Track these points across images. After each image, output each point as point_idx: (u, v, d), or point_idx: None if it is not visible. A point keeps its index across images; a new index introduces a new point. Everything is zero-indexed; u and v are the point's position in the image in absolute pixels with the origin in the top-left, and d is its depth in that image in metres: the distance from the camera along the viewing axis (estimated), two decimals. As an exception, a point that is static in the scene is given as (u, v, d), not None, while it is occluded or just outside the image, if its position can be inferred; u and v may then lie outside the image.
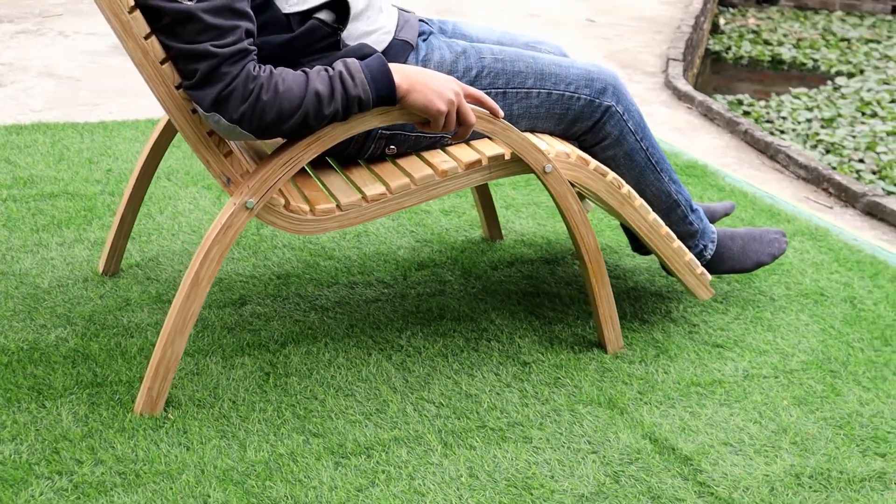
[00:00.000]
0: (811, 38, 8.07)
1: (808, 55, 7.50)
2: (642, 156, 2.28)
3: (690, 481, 1.83)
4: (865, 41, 7.99)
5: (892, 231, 3.10)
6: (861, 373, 2.22)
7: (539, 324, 2.36)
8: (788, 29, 8.45)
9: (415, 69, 1.91)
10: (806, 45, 7.82)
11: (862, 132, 5.44)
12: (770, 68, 7.40)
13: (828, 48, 7.73)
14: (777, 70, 7.36)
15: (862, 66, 7.12)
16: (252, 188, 1.89)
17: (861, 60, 7.31)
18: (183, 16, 1.74)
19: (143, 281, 2.47)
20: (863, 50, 7.63)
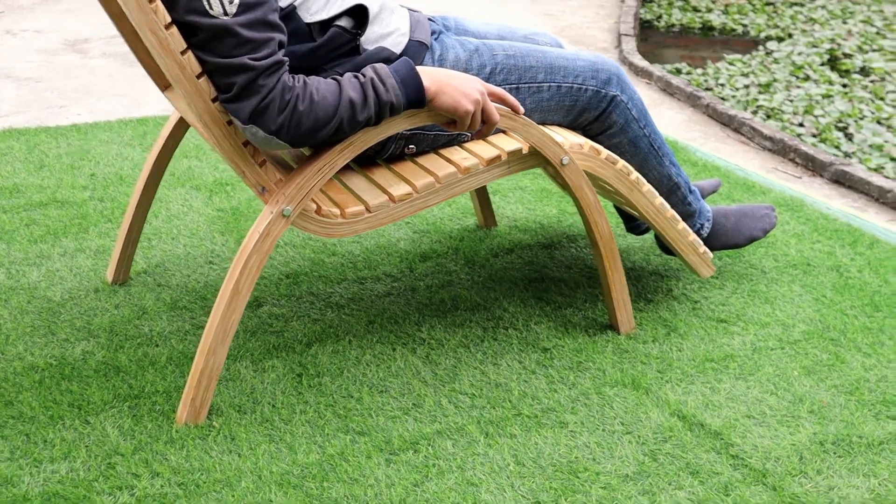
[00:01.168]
0: (738, 3, 8.22)
1: (737, 21, 7.63)
2: (645, 142, 2.36)
3: (723, 455, 1.93)
4: (790, 4, 8.13)
5: (860, 198, 3.24)
6: (860, 339, 2.34)
7: (550, 309, 2.44)
8: None
9: (440, 71, 1.95)
10: (734, 10, 7.96)
11: (798, 96, 5.59)
12: (701, 35, 7.55)
13: (755, 13, 7.87)
14: (707, 36, 7.50)
15: (790, 30, 7.29)
16: (288, 196, 1.92)
17: (788, 24, 7.47)
18: (220, 31, 1.76)
19: (154, 288, 2.48)
20: (788, 13, 7.79)
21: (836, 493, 1.83)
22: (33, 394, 2.04)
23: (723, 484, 1.84)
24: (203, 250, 2.68)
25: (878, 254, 2.78)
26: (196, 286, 2.49)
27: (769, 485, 1.84)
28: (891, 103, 5.46)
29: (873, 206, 3.20)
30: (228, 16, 1.76)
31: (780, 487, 1.84)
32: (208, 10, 1.75)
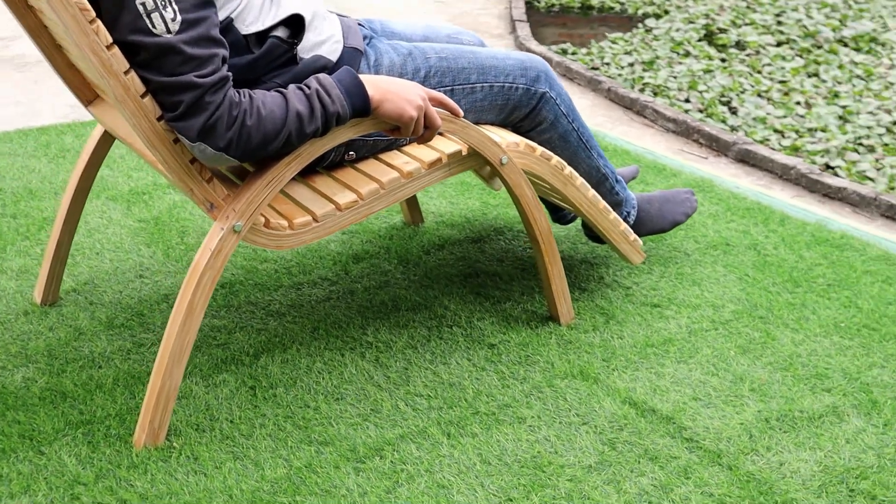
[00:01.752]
0: (612, -18, 8.36)
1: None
2: (574, 136, 2.41)
3: (678, 439, 2.00)
4: None
5: (765, 175, 3.38)
6: (786, 316, 2.45)
7: (489, 304, 2.48)
8: None
9: (382, 79, 1.96)
10: None
11: (681, 72, 5.75)
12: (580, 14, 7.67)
13: None
14: (587, 15, 7.62)
15: (666, 7, 7.47)
16: (239, 211, 1.90)
17: (664, 1, 7.64)
18: (164, 49, 1.73)
19: (86, 307, 2.42)
20: None
21: (787, 467, 1.92)
22: (-20, 427, 1.97)
23: (682, 467, 1.91)
24: (131, 264, 2.62)
25: (789, 230, 2.90)
26: (130, 302, 2.44)
27: (724, 465, 1.92)
28: (767, 76, 5.68)
29: (778, 182, 3.33)
30: (171, 34, 1.73)
31: (734, 466, 1.92)
32: (151, 28, 1.72)
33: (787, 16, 6.92)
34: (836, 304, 2.51)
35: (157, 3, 1.71)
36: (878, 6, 7.20)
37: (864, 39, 6.33)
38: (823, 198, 3.21)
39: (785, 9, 7.13)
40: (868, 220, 3.07)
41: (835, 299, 2.53)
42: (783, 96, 5.28)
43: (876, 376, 2.21)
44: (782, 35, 6.47)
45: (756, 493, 1.85)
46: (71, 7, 1.67)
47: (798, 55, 6.04)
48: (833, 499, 1.84)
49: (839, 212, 3.13)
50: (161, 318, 2.37)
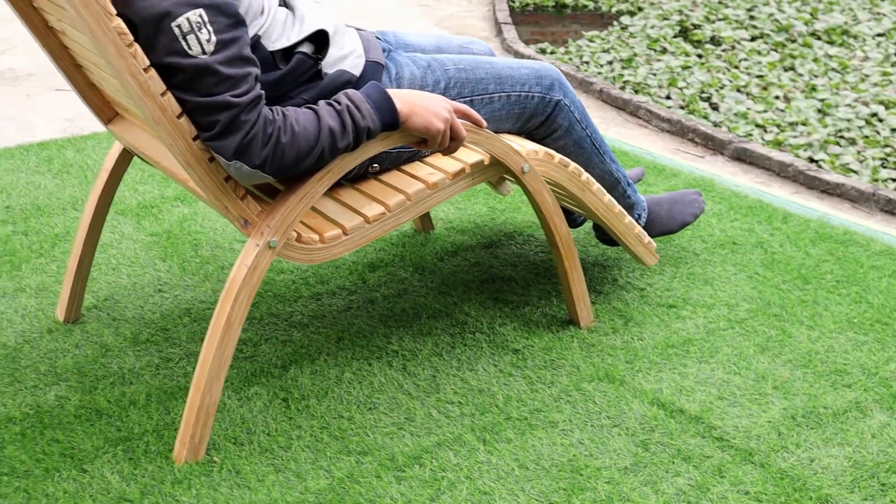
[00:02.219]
0: (587, -21, 8.39)
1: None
2: (588, 142, 2.44)
3: (708, 438, 2.04)
4: None
5: (763, 173, 3.43)
6: (800, 313, 2.50)
7: (509, 309, 2.51)
8: None
9: (408, 92, 1.99)
10: None
11: (660, 69, 5.80)
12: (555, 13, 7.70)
13: None
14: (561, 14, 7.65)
15: (639, 4, 7.51)
16: (273, 227, 1.92)
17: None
18: (200, 70, 1.75)
19: (109, 323, 2.43)
20: None
21: (817, 463, 1.97)
22: (19, 447, 1.98)
23: (716, 467, 1.96)
24: (149, 279, 2.63)
25: (793, 227, 2.96)
26: (153, 317, 2.45)
27: (757, 463, 1.97)
28: (745, 71, 5.74)
29: (776, 180, 3.39)
30: (207, 54, 1.75)
31: (766, 464, 1.96)
32: (187, 50, 1.74)
33: (759, 10, 6.99)
34: (847, 300, 2.56)
35: (192, 24, 1.73)
36: (847, -1, 7.29)
37: (836, 32, 6.42)
38: (822, 194, 3.27)
39: (756, 3, 7.20)
40: (868, 216, 3.13)
41: (845, 295, 2.58)
42: (762, 91, 5.35)
43: (894, 371, 2.26)
44: (756, 30, 6.54)
45: (790, 489, 1.90)
46: (109, 32, 1.68)
47: (773, 49, 6.12)
48: (865, 493, 1.89)
49: (838, 207, 3.19)
50: (186, 333, 2.39)
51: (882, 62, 5.76)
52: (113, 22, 1.68)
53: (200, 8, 1.73)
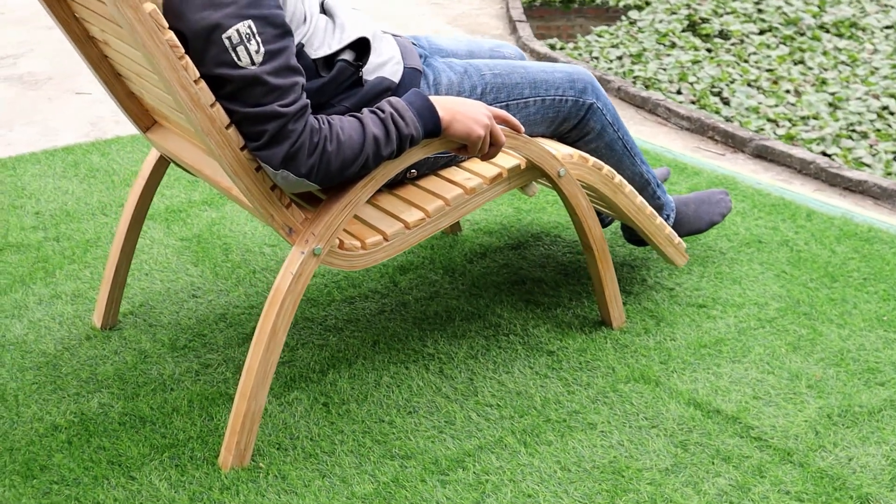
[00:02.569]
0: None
1: None
2: (619, 144, 2.46)
3: (746, 438, 2.07)
4: None
5: (784, 171, 3.45)
6: (829, 311, 2.53)
7: (540, 311, 2.53)
8: None
9: (449, 99, 2.01)
10: None
11: (670, 64, 5.81)
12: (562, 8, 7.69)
13: None
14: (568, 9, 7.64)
15: (647, -1, 7.52)
16: (318, 235, 1.94)
17: None
18: (249, 80, 1.77)
19: (146, 329, 2.45)
20: None
21: (856, 462, 1.99)
22: (67, 455, 2.00)
23: (755, 467, 1.98)
24: (182, 284, 2.65)
25: (817, 225, 2.98)
26: (189, 323, 2.48)
27: (796, 462, 1.99)
28: (754, 65, 5.76)
29: (797, 177, 3.41)
30: (255, 65, 1.77)
31: (805, 464, 1.99)
32: (236, 61, 1.76)
33: (767, 3, 7.00)
34: (875, 297, 2.58)
35: (241, 36, 1.75)
36: (856, -11, 7.29)
37: (844, 25, 6.43)
38: (844, 191, 3.29)
39: (763, -6, 7.21)
40: (891, 213, 3.15)
41: (872, 293, 2.61)
42: (772, 85, 5.36)
43: (925, 368, 2.29)
44: (764, 23, 6.55)
45: (831, 489, 1.92)
46: (162, 45, 1.70)
47: (782, 43, 6.13)
48: (904, 491, 1.92)
49: (861, 204, 3.21)
50: (223, 339, 2.41)
51: (891, 55, 5.78)
52: (165, 35, 1.70)
53: (249, 19, 1.75)
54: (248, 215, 3.03)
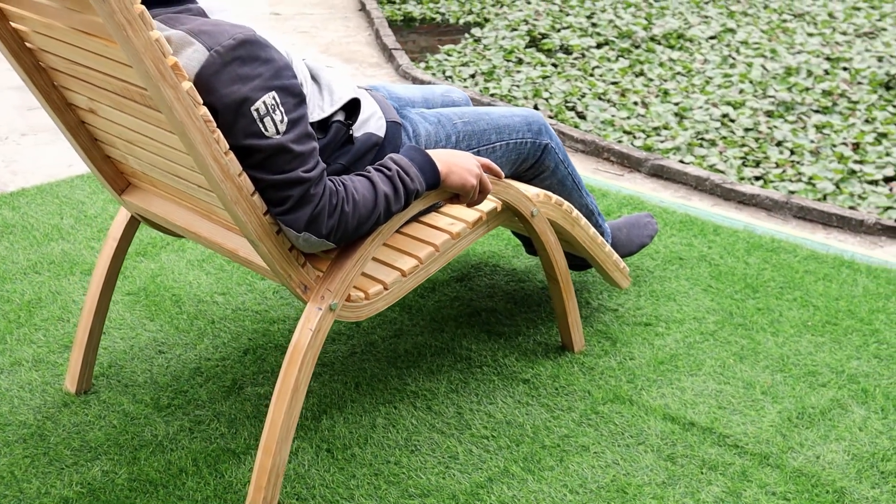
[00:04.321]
0: (426, -9, 8.50)
1: (433, 9, 7.92)
2: (569, 180, 2.63)
3: (724, 447, 2.26)
4: None
5: (681, 188, 3.71)
6: (759, 320, 2.77)
7: (504, 340, 2.67)
8: None
9: (443, 152, 2.12)
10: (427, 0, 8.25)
11: (521, 80, 6.05)
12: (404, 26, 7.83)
13: (447, 0, 8.19)
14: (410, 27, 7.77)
15: (485, 15, 7.72)
16: (334, 290, 2.01)
17: (480, 9, 7.83)
18: (276, 149, 1.83)
19: (123, 390, 2.44)
20: None
21: (823, 459, 2.22)
22: (90, 528, 2.00)
23: (740, 472, 2.18)
24: (144, 340, 2.65)
25: (725, 239, 3.24)
26: (165, 380, 2.48)
27: (773, 464, 2.21)
28: (600, 78, 6.07)
29: (695, 194, 3.68)
30: (280, 134, 1.83)
31: (782, 465, 2.20)
32: (264, 132, 1.82)
33: (599, 17, 7.35)
34: (795, 304, 2.85)
35: (268, 107, 1.81)
36: (676, 2, 7.74)
37: (673, 37, 6.86)
38: (739, 205, 3.58)
39: (595, 10, 7.56)
40: (783, 223, 3.46)
41: (791, 300, 2.87)
42: (620, 97, 5.68)
43: (856, 367, 2.55)
44: (600, 36, 6.88)
45: (809, 486, 2.14)
46: (197, 120, 1.74)
47: (621, 56, 6.48)
48: (871, 482, 2.16)
49: (756, 217, 3.50)
50: (205, 393, 2.43)
51: (720, 64, 6.21)
52: (200, 111, 1.74)
53: (273, 90, 1.82)
54: (186, 264, 3.03)
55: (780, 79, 5.79)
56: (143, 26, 1.63)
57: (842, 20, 7.14)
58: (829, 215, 3.39)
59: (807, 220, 3.44)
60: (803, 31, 6.91)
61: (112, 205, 3.44)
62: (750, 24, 7.09)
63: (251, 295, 2.88)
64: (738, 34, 6.83)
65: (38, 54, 2.07)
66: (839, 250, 3.20)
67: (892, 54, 6.23)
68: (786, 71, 5.91)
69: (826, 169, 4.19)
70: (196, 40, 1.77)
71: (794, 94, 5.54)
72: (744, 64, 6.17)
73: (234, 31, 1.80)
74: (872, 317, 2.78)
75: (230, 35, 1.79)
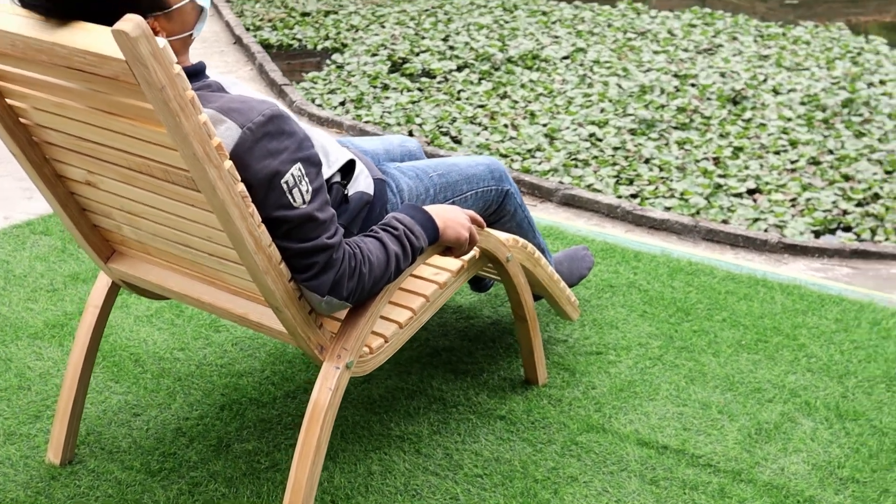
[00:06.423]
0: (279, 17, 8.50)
1: (290, 35, 7.89)
2: (526, 222, 2.77)
3: (698, 466, 2.44)
4: (325, 13, 8.56)
5: (594, 216, 3.91)
6: (698, 343, 2.98)
7: (470, 378, 2.78)
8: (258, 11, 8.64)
9: (437, 208, 2.21)
10: (282, 25, 8.22)
11: (391, 106, 6.17)
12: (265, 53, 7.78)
13: (300, 26, 8.17)
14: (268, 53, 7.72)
15: (342, 40, 7.77)
16: (350, 349, 2.08)
17: (336, 34, 7.86)
18: (304, 219, 1.89)
19: (109, 458, 2.42)
20: (329, 23, 8.15)
21: (787, 471, 2.43)
22: None
23: (718, 490, 2.36)
24: (116, 404, 2.62)
25: (647, 265, 3.45)
26: (149, 443, 2.47)
27: (746, 480, 2.40)
28: (467, 102, 6.26)
29: (608, 221, 3.89)
30: (306, 204, 1.90)
31: (753, 480, 2.40)
32: (292, 202, 1.88)
33: (454, 39, 7.55)
34: (726, 325, 3.08)
35: (295, 179, 1.87)
36: (525, 23, 8.00)
37: (529, 58, 7.12)
38: (651, 230, 3.80)
39: (449, 32, 7.75)
40: (693, 245, 3.70)
41: (721, 321, 3.10)
42: (491, 120, 5.88)
43: (794, 382, 2.79)
44: (459, 59, 7.07)
45: (782, 497, 2.34)
46: (236, 196, 1.79)
47: (482, 78, 6.69)
48: (833, 489, 2.38)
49: (668, 241, 3.73)
50: (195, 454, 2.44)
51: (579, 84, 6.49)
52: (238, 187, 1.79)
53: (299, 162, 1.88)
54: (135, 321, 3.01)
55: (637, 97, 6.11)
56: (194, 111, 1.67)
57: (681, 37, 7.57)
58: (736, 236, 3.66)
59: (715, 242, 3.70)
60: (649, 49, 7.28)
61: (40, 262, 3.36)
62: (599, 44, 7.42)
63: (211, 349, 2.89)
64: (590, 53, 7.14)
65: (33, 129, 2.05)
66: (750, 269, 3.46)
67: (733, 70, 6.65)
68: (640, 89, 6.24)
69: (694, 184, 4.49)
70: (227, 118, 1.82)
71: (652, 112, 5.84)
72: (600, 83, 6.46)
73: (262, 108, 1.85)
74: (797, 332, 3.03)
75: (259, 111, 1.84)
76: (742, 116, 5.76)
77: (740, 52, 7.22)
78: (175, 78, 1.63)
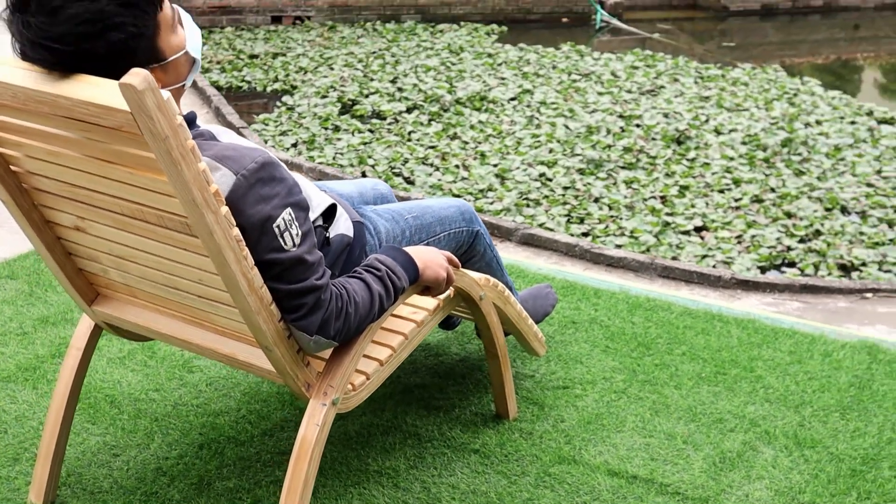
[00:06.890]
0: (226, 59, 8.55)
1: (239, 77, 7.95)
2: (494, 262, 2.86)
3: (668, 494, 2.54)
4: (273, 55, 8.66)
5: (553, 254, 4.02)
6: (660, 376, 3.09)
7: (443, 414, 2.85)
8: (206, 54, 8.68)
9: (417, 249, 2.30)
10: (231, 67, 8.27)
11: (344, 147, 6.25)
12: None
13: (249, 68, 8.25)
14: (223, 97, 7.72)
15: (291, 82, 7.85)
16: (336, 386, 2.15)
17: (284, 76, 7.93)
18: (295, 261, 1.96)
19: (93, 499, 2.45)
20: (278, 65, 8.24)
21: (752, 497, 2.54)
22: None
23: (689, 517, 2.46)
24: (94, 445, 2.65)
25: (606, 301, 3.56)
26: (131, 483, 2.50)
27: (714, 507, 2.50)
28: (417, 143, 6.37)
29: (566, 259, 4.00)
30: (296, 247, 1.97)
31: (720, 506, 2.50)
32: (283, 245, 1.95)
33: (402, 81, 7.67)
34: (685, 359, 3.19)
35: (286, 223, 1.94)
36: (472, 65, 8.15)
37: (476, 99, 7.27)
38: (609, 267, 3.92)
39: (397, 74, 7.86)
40: (650, 282, 3.82)
41: (680, 355, 3.21)
42: (442, 161, 5.99)
43: (754, 412, 2.91)
44: (408, 101, 7.19)
45: (748, 522, 2.45)
46: (231, 240, 1.85)
47: (432, 119, 6.81)
48: (796, 513, 2.49)
49: (625, 278, 3.85)
50: (177, 493, 2.47)
51: (527, 125, 6.65)
52: (234, 232, 1.85)
53: (289, 206, 1.95)
54: (107, 362, 3.04)
55: (584, 137, 6.27)
56: (194, 160, 1.74)
57: (625, 79, 7.78)
58: (690, 273, 3.79)
59: (671, 279, 3.83)
60: (594, 91, 7.47)
61: (7, 306, 3.38)
62: (545, 85, 7.60)
63: (185, 389, 2.92)
64: (536, 94, 7.31)
65: (23, 176, 2.10)
66: (706, 305, 3.59)
67: (676, 110, 6.85)
68: (587, 130, 6.41)
69: (643, 222, 4.63)
70: (222, 165, 1.89)
71: (599, 152, 5.99)
72: (548, 124, 6.61)
73: (255, 155, 1.93)
74: (753, 364, 3.16)
75: (252, 159, 1.91)
76: (686, 156, 5.94)
77: (682, 93, 7.44)
78: (178, 128, 1.70)
